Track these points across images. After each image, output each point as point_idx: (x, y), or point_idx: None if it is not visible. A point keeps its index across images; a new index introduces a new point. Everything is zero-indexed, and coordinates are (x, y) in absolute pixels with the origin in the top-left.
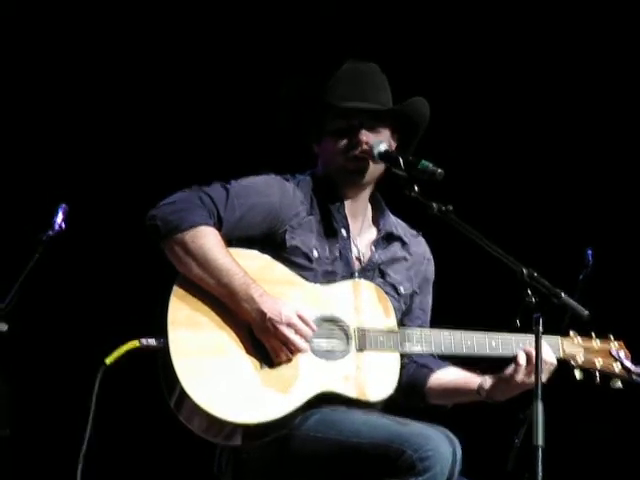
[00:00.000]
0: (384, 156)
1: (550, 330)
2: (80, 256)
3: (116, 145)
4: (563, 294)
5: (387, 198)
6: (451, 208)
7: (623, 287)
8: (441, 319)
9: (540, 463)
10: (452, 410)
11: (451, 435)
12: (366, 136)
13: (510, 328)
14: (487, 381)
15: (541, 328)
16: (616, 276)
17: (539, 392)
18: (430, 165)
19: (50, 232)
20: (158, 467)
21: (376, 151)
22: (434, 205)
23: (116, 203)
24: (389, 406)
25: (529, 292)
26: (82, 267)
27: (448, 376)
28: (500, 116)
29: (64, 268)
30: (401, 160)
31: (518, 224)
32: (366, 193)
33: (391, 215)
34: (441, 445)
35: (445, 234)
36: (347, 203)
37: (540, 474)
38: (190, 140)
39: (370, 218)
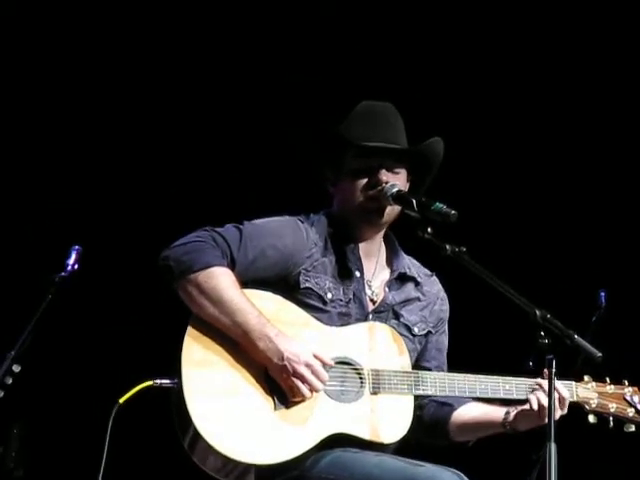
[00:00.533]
0: (397, 198)
1: (563, 371)
2: (94, 297)
3: (130, 187)
4: (576, 336)
5: (400, 237)
6: (464, 249)
7: (636, 329)
8: (454, 360)
9: None
10: (465, 451)
11: (462, 475)
12: (386, 176)
13: (523, 370)
14: (511, 413)
15: (554, 369)
16: (629, 318)
17: (552, 434)
18: (444, 207)
19: (63, 273)
20: None
21: (389, 193)
22: (447, 247)
23: (129, 245)
24: (402, 447)
25: (542, 333)
26: (96, 308)
27: (471, 411)
28: (511, 155)
29: (78, 309)
30: (414, 202)
31: (531, 266)
32: (381, 234)
33: (405, 255)
34: None
35: (459, 275)
36: (361, 244)
37: None
38: (203, 181)
39: (384, 259)
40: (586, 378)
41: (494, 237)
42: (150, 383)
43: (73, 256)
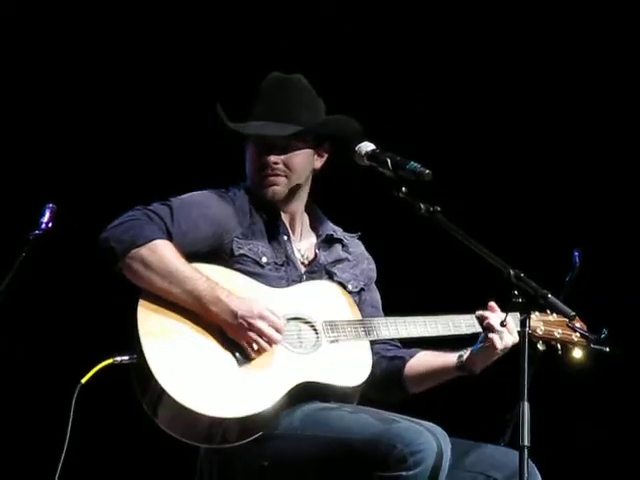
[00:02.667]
0: (371, 156)
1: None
2: (66, 257)
3: (105, 146)
4: (550, 295)
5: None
6: (439, 209)
7: (609, 288)
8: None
9: (526, 463)
10: (438, 410)
11: (440, 430)
12: (275, 157)
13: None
14: (464, 354)
15: (528, 329)
16: (603, 277)
17: (525, 392)
18: (418, 166)
19: (37, 232)
20: None
21: (363, 151)
22: (422, 206)
23: (103, 203)
24: (373, 403)
25: (516, 293)
26: (66, 268)
27: (424, 360)
28: (487, 115)
29: (50, 268)
30: (389, 161)
31: (505, 225)
32: (298, 204)
33: (329, 221)
34: (432, 439)
35: (432, 234)
36: (283, 212)
37: (526, 475)
38: (174, 140)
39: (308, 225)
40: None
41: (468, 197)
42: (110, 361)
43: (47, 214)
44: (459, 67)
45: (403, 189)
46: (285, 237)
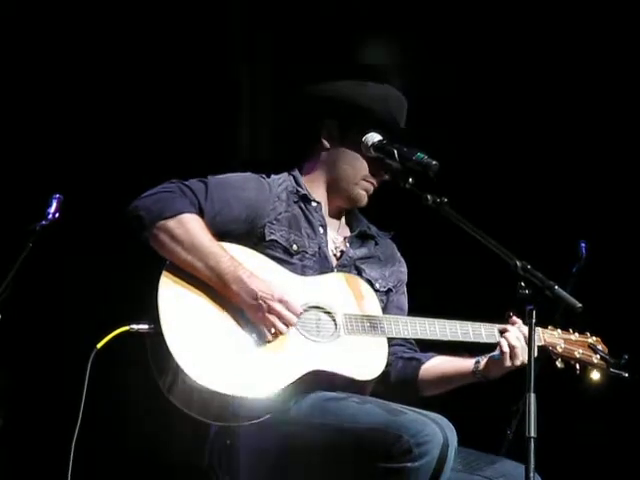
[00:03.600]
0: (378, 147)
1: (543, 323)
2: (73, 246)
3: (111, 136)
4: (556, 286)
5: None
6: (446, 200)
7: (616, 280)
8: (435, 311)
9: (532, 454)
10: (445, 400)
11: (447, 422)
12: (385, 177)
13: (504, 321)
14: (481, 361)
15: (534, 320)
16: (609, 269)
17: (532, 384)
18: (425, 157)
19: (44, 222)
20: (148, 454)
21: (370, 142)
22: (429, 197)
23: (109, 193)
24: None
25: (522, 284)
26: (75, 256)
27: (439, 364)
28: (492, 107)
29: (57, 258)
30: (396, 152)
31: (512, 217)
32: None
33: (364, 218)
34: (438, 431)
35: (439, 228)
36: (325, 205)
37: (532, 465)
38: (183, 134)
39: (344, 219)
40: (550, 327)
41: (474, 189)
42: (127, 328)
43: (54, 205)
44: (464, 57)
45: (410, 180)
46: (321, 229)
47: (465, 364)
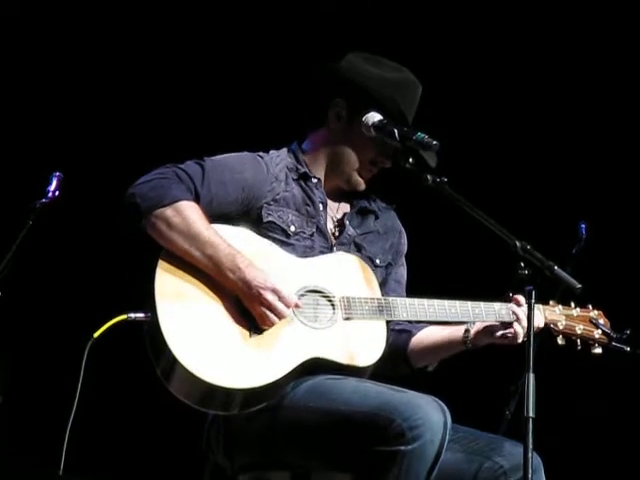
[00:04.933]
0: (378, 127)
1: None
2: (72, 228)
3: (111, 114)
4: (556, 267)
5: None
6: (445, 180)
7: (616, 261)
8: (434, 291)
9: (531, 434)
10: (443, 381)
11: (441, 404)
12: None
13: (502, 301)
14: (471, 330)
15: (533, 301)
16: (609, 250)
17: (530, 364)
18: (426, 137)
19: (44, 200)
20: (144, 441)
21: (370, 121)
22: (428, 176)
23: (110, 173)
24: (380, 377)
25: (522, 265)
26: (74, 236)
27: (430, 334)
28: (491, 87)
29: (57, 238)
30: (396, 131)
31: (512, 197)
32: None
33: (366, 192)
34: (431, 414)
35: (441, 207)
36: (326, 181)
37: (531, 445)
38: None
39: (344, 196)
40: (551, 302)
41: (474, 169)
42: (124, 317)
43: (54, 183)
44: (463, 41)
45: (410, 160)
46: (321, 206)
47: (455, 333)
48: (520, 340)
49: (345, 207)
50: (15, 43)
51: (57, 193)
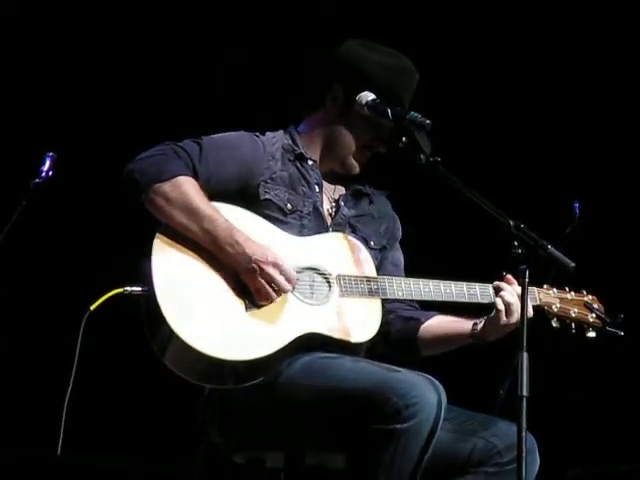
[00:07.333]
0: (372, 106)
1: (536, 282)
2: (67, 204)
3: (105, 94)
4: (550, 246)
5: None
6: (439, 159)
7: (610, 240)
8: (427, 272)
9: (524, 413)
10: (439, 360)
11: (436, 382)
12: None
13: (497, 280)
14: (479, 323)
15: (527, 280)
16: (603, 229)
17: (524, 343)
18: (419, 116)
19: (37, 180)
20: (141, 416)
21: (364, 100)
22: (422, 156)
23: (104, 152)
24: (375, 357)
25: (516, 244)
26: (69, 215)
27: (438, 324)
28: (487, 71)
29: (52, 217)
30: (389, 111)
31: (506, 177)
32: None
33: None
34: (427, 392)
35: (433, 187)
36: (322, 163)
37: (524, 425)
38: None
39: (339, 179)
40: (545, 286)
41: (467, 149)
42: (120, 290)
43: (47, 163)
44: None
45: (403, 139)
46: (317, 187)
47: (464, 325)
48: (503, 322)
49: (340, 190)
50: (8, 28)
51: (50, 173)
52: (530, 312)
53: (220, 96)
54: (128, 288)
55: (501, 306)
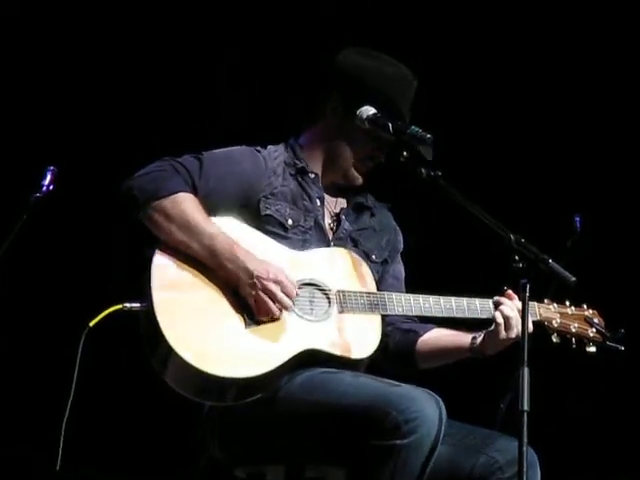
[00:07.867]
0: (372, 120)
1: (537, 296)
2: (68, 218)
3: (106, 109)
4: (550, 260)
5: None
6: (440, 173)
7: (611, 254)
8: (427, 286)
9: (525, 428)
10: (439, 375)
11: (436, 397)
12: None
13: (498, 295)
14: (478, 337)
15: (527, 294)
16: (604, 243)
17: (525, 358)
18: (420, 130)
19: (38, 194)
20: (141, 431)
21: (364, 115)
22: (423, 170)
23: (105, 166)
24: (375, 372)
25: (516, 258)
26: (69, 230)
27: (436, 337)
28: (485, 79)
29: (52, 232)
30: (390, 125)
31: (506, 191)
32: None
33: (362, 189)
34: (427, 407)
35: (434, 201)
36: (323, 177)
37: (525, 439)
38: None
39: (340, 192)
40: (546, 301)
41: (468, 163)
42: (120, 307)
43: (48, 177)
44: (457, 34)
45: (404, 153)
46: (319, 202)
47: (463, 339)
48: (502, 337)
49: (342, 203)
50: (10, 38)
51: (51, 187)
52: (530, 327)
53: (220, 96)
54: (127, 304)
55: (500, 320)
